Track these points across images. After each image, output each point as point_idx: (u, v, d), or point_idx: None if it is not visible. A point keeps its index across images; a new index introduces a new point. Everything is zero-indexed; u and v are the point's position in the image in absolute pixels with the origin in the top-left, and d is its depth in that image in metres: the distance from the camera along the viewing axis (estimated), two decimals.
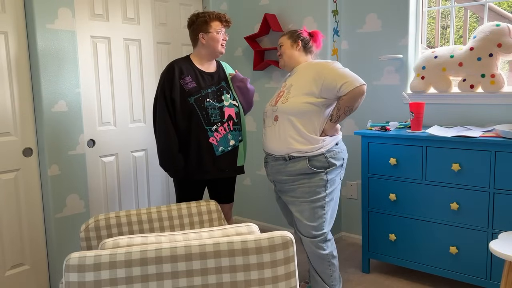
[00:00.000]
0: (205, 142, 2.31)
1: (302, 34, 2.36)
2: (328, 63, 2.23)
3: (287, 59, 2.36)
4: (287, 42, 2.36)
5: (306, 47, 2.36)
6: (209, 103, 2.32)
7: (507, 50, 2.52)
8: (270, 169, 2.33)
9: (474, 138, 2.30)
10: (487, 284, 2.37)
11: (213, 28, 2.34)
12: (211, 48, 2.36)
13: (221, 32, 2.37)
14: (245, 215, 3.85)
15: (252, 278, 1.36)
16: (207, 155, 2.32)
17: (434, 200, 2.49)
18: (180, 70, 2.32)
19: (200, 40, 2.35)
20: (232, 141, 2.39)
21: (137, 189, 3.11)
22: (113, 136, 2.92)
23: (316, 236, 2.24)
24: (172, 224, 2.02)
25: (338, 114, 2.18)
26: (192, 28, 2.37)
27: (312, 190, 2.21)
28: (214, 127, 2.33)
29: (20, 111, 2.49)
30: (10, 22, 2.41)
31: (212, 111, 2.32)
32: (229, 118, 2.38)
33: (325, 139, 2.21)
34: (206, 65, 2.42)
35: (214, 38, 2.34)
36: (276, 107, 2.25)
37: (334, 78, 2.14)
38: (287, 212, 2.50)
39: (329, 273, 2.30)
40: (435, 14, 7.55)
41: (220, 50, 2.38)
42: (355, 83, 2.11)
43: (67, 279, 1.28)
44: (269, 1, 3.41)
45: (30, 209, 2.56)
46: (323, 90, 2.16)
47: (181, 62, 2.37)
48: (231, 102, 2.41)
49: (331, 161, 2.21)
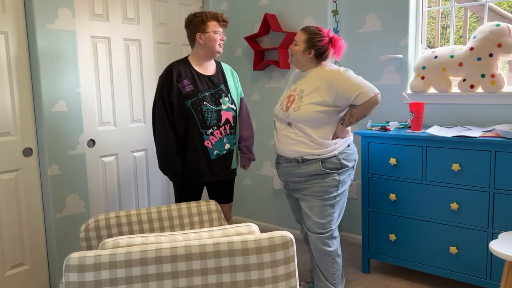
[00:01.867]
0: (201, 146, 2.32)
1: (319, 43, 2.19)
2: (340, 72, 2.16)
3: (296, 62, 2.29)
4: (301, 45, 2.22)
5: (321, 56, 2.22)
6: (206, 106, 2.31)
7: (507, 50, 2.52)
8: (282, 170, 2.33)
9: (474, 138, 2.30)
10: (487, 284, 2.37)
11: (210, 28, 2.32)
12: (209, 48, 2.35)
13: (219, 32, 2.35)
14: (245, 215, 3.85)
15: (252, 278, 1.36)
16: (202, 158, 2.33)
17: (434, 200, 2.48)
18: (178, 73, 2.32)
19: (198, 40, 2.34)
20: (228, 145, 2.40)
21: (137, 189, 3.11)
22: (113, 136, 2.92)
23: (323, 233, 2.26)
24: (172, 224, 2.02)
25: (350, 120, 2.18)
26: (189, 28, 2.37)
27: (325, 190, 2.22)
28: (210, 131, 2.33)
29: (20, 111, 2.48)
30: (10, 22, 2.41)
31: (208, 115, 2.32)
32: (226, 121, 2.38)
33: (337, 142, 2.21)
34: (204, 66, 2.40)
35: (212, 38, 2.33)
36: (288, 113, 2.22)
37: (349, 88, 2.11)
38: (297, 210, 2.50)
39: (332, 271, 2.30)
40: (435, 14, 7.55)
41: (218, 50, 2.37)
42: (369, 93, 2.10)
43: (67, 279, 1.28)
44: (269, 1, 3.41)
45: (30, 209, 2.56)
46: (337, 99, 2.14)
47: (179, 64, 2.36)
48: (229, 105, 2.40)
49: (344, 162, 2.22)
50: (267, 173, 3.64)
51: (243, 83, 3.64)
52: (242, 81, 3.65)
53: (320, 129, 2.19)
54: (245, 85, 3.65)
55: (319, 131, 2.19)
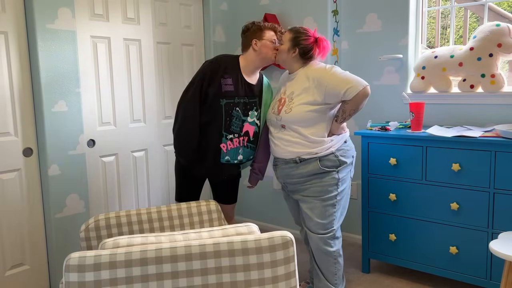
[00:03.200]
0: (216, 145, 2.29)
1: (304, 41, 2.22)
2: (326, 69, 2.18)
3: (281, 61, 2.31)
4: (286, 43, 2.25)
5: (305, 56, 2.24)
6: (237, 112, 2.30)
7: (507, 50, 2.52)
8: (280, 172, 2.32)
9: (474, 138, 2.30)
10: (487, 284, 2.37)
11: (266, 36, 2.32)
12: (263, 54, 2.32)
13: (274, 41, 2.33)
14: (245, 215, 3.85)
15: (252, 278, 1.36)
16: (212, 157, 2.31)
17: (434, 200, 2.48)
18: (225, 67, 2.29)
19: (253, 45, 2.32)
20: (240, 157, 2.37)
21: (137, 189, 3.11)
22: (113, 136, 2.92)
23: (325, 233, 2.25)
24: (172, 224, 2.02)
25: (344, 116, 2.18)
26: (246, 35, 2.35)
27: (324, 189, 2.22)
28: (230, 136, 2.31)
29: (20, 111, 2.49)
30: (10, 22, 2.41)
31: (235, 121, 2.31)
32: (246, 134, 2.36)
33: (333, 139, 2.22)
34: (250, 73, 2.37)
35: (267, 45, 2.31)
36: (280, 116, 2.23)
37: (337, 84, 2.12)
38: (295, 211, 2.50)
39: (334, 271, 2.30)
40: (435, 14, 7.55)
41: (272, 57, 2.33)
42: (358, 86, 2.10)
43: (67, 279, 1.28)
44: (269, 1, 3.41)
45: (30, 209, 2.56)
46: (327, 97, 2.15)
47: (229, 61, 2.33)
48: (254, 120, 2.38)
49: (342, 159, 2.22)
50: (267, 173, 3.63)
51: None
52: None
53: (314, 128, 2.19)
54: None
55: (313, 130, 2.19)
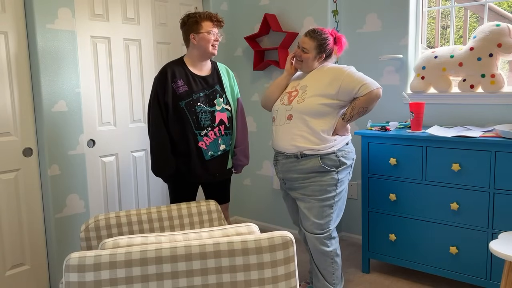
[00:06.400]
0: (195, 146, 2.31)
1: (328, 46, 2.29)
2: (344, 68, 2.24)
3: (305, 67, 2.33)
4: (312, 51, 2.27)
5: (329, 57, 2.33)
6: (200, 107, 2.31)
7: (507, 50, 2.52)
8: (280, 167, 2.33)
9: (474, 138, 2.30)
10: (487, 284, 2.37)
11: (204, 29, 2.31)
12: (202, 49, 2.33)
13: (212, 33, 2.33)
14: (245, 215, 3.85)
15: (252, 278, 1.36)
16: (196, 159, 2.32)
17: (434, 200, 2.48)
18: (172, 73, 2.31)
19: (192, 41, 2.33)
20: (223, 146, 2.39)
21: (137, 189, 3.11)
22: (113, 136, 2.92)
23: (321, 233, 2.26)
24: (172, 224, 2.02)
25: (352, 113, 2.20)
26: (184, 29, 2.36)
27: (323, 188, 2.23)
28: (204, 132, 2.32)
29: (20, 111, 2.48)
30: (10, 22, 2.41)
31: (202, 115, 2.31)
32: (221, 122, 2.37)
33: (336, 138, 2.23)
34: (199, 67, 2.39)
35: (205, 39, 2.31)
36: (291, 106, 2.25)
37: (352, 80, 2.18)
38: (294, 211, 2.50)
39: (332, 271, 2.31)
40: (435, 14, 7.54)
41: (211, 51, 2.34)
42: (372, 86, 2.17)
43: (67, 279, 1.28)
44: (269, 1, 3.41)
45: (30, 209, 2.56)
46: (341, 92, 2.19)
47: (174, 65, 2.36)
48: (223, 106, 2.39)
49: (342, 160, 2.23)
50: (266, 173, 3.64)
51: (243, 83, 3.65)
52: (242, 81, 3.66)
53: (322, 121, 2.20)
54: (245, 85, 3.65)
55: (321, 124, 2.20)
